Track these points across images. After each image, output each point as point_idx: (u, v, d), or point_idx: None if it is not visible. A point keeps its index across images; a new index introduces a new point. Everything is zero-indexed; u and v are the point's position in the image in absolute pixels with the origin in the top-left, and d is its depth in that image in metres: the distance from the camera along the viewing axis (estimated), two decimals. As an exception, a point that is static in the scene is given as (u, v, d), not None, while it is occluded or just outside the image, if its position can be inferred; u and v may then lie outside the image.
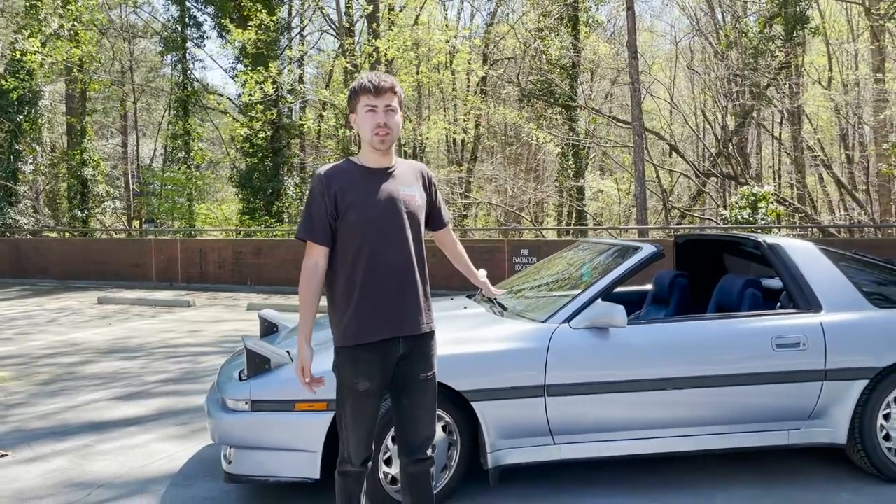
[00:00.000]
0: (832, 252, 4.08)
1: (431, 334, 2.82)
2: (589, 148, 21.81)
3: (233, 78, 17.17)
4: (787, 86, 21.58)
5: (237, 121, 16.71)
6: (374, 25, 15.80)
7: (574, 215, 22.59)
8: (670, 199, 22.10)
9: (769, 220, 12.39)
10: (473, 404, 3.45)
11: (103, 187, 23.40)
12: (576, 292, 3.82)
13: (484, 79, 23.69)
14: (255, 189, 18.00)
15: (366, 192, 2.72)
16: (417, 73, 24.07)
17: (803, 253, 4.00)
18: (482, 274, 3.32)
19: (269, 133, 16.95)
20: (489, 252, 12.40)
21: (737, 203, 12.58)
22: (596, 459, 3.63)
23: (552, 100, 19.88)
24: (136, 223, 29.57)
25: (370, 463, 2.88)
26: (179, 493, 3.79)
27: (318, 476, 3.38)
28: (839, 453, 4.03)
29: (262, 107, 15.49)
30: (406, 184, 2.80)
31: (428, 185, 2.91)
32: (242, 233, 16.76)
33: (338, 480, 2.83)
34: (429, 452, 2.83)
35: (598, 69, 22.90)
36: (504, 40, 22.59)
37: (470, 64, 21.22)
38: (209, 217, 21.82)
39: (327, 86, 22.86)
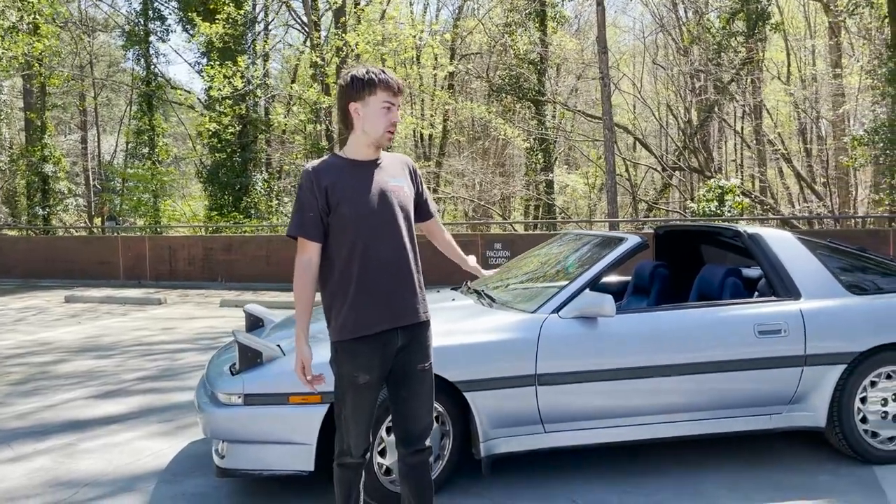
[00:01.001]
0: (809, 241, 4.20)
1: (427, 324, 2.84)
2: (556, 142, 21.97)
3: (199, 73, 16.93)
4: (748, 81, 21.98)
5: (204, 116, 16.48)
6: (342, 20, 15.71)
7: (543, 209, 22.76)
8: (638, 192, 22.38)
9: (735, 212, 12.64)
10: (466, 394, 3.48)
11: (65, 184, 22.93)
12: (562, 283, 3.87)
13: (452, 74, 23.73)
14: (223, 185, 17.78)
15: (356, 185, 2.73)
16: (383, 67, 23.93)
17: (782, 242, 4.11)
18: (472, 259, 3.37)
19: (237, 128, 16.75)
20: (463, 246, 12.26)
21: (704, 196, 12.82)
22: (585, 447, 3.69)
23: (521, 94, 19.97)
24: (97, 221, 29.03)
25: (369, 454, 2.91)
26: (169, 489, 3.76)
27: (312, 468, 3.38)
28: (818, 436, 4.15)
29: (230, 102, 15.31)
30: (393, 175, 2.80)
31: (414, 177, 2.92)
32: (210, 229, 16.57)
33: (337, 472, 2.84)
34: (427, 443, 2.85)
35: (564, 64, 23.07)
36: (471, 35, 22.64)
37: (437, 59, 21.26)
38: (175, 214, 21.50)
39: (293, 81, 22.67)
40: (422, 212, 2.99)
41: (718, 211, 12.41)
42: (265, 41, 21.02)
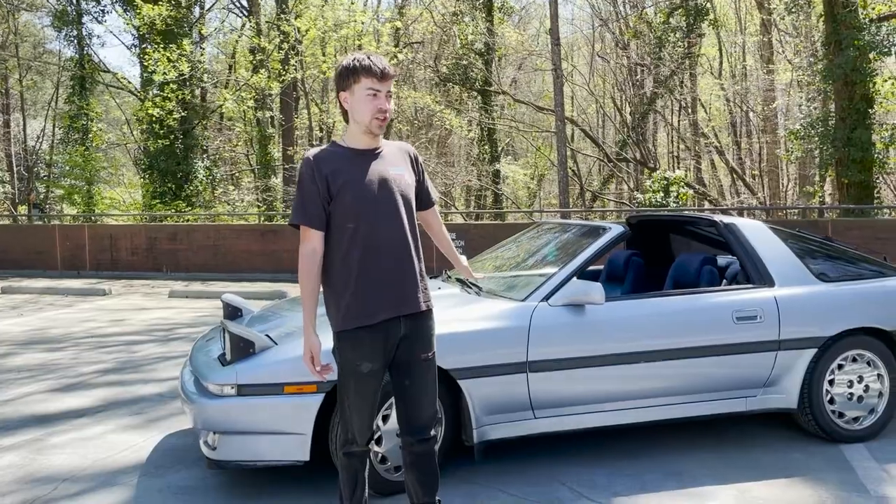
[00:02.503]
0: (779, 231, 4.37)
1: (430, 312, 2.86)
2: (503, 132, 22.14)
3: (140, 56, 16.35)
4: (686, 76, 22.58)
5: (145, 101, 15.95)
6: (292, 4, 15.42)
7: (489, 199, 22.91)
8: (584, 182, 22.77)
9: (680, 203, 13.01)
10: (460, 382, 3.51)
11: (-10, 170, 21.89)
12: (549, 271, 3.93)
13: (397, 62, 23.60)
14: (164, 172, 17.27)
15: (356, 174, 2.71)
16: (324, 54, 23.67)
17: (756, 232, 4.26)
18: (464, 259, 3.38)
19: (182, 114, 16.28)
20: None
21: (650, 187, 13.13)
22: (573, 431, 3.77)
23: (467, 84, 20.03)
24: (21, 209, 27.81)
25: (373, 442, 2.91)
26: (153, 482, 3.68)
27: (307, 458, 3.36)
28: (788, 418, 4.33)
29: (175, 86, 14.86)
30: (394, 164, 2.80)
31: (415, 165, 2.92)
32: (149, 218, 16.11)
33: (343, 461, 2.84)
34: (433, 432, 2.87)
35: (507, 54, 23.22)
36: (417, 23, 22.56)
37: (377, 47, 21.05)
38: (112, 202, 20.76)
39: (231, 67, 22.12)
40: (421, 200, 2.97)
41: (664, 202, 12.75)
42: (200, 25, 20.44)
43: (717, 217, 4.41)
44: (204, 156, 19.08)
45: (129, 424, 4.62)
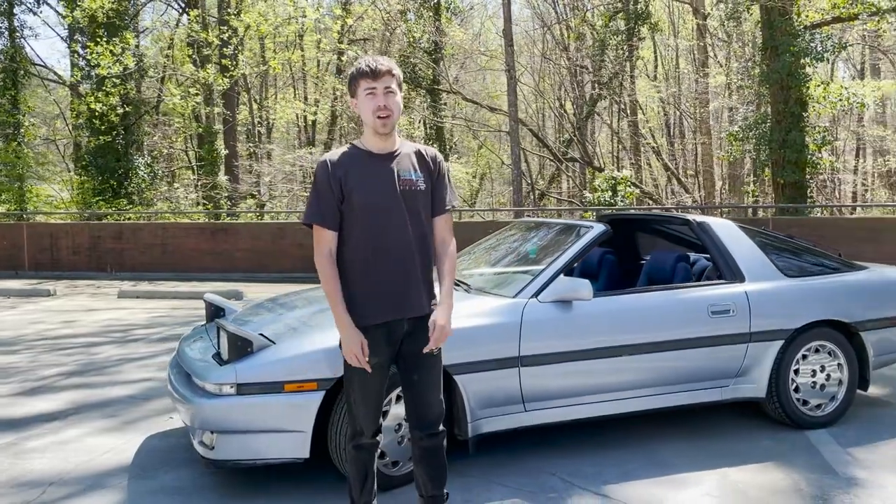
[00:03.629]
0: (747, 229, 4.60)
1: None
2: (451, 132, 22.27)
3: (83, 48, 15.78)
4: (626, 78, 23.14)
5: (86, 95, 15.40)
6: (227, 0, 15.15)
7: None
8: (533, 181, 23.09)
9: (627, 202, 13.38)
10: (455, 377, 3.59)
11: None
12: (536, 268, 4.05)
13: (341, 58, 23.46)
14: (104, 170, 16.74)
15: (366, 176, 2.77)
16: (263, 50, 23.32)
17: (726, 229, 4.48)
18: (447, 292, 2.88)
19: (125, 109, 15.80)
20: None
21: (599, 186, 13.46)
22: (561, 423, 3.90)
23: (416, 83, 20.08)
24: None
25: (381, 434, 2.98)
26: (145, 484, 3.64)
27: (307, 455, 3.39)
28: (753, 406, 4.56)
29: (118, 81, 14.42)
30: (407, 168, 2.83)
31: (433, 169, 2.90)
32: (89, 216, 15.60)
33: (352, 454, 2.89)
34: (441, 426, 2.94)
35: (456, 54, 23.35)
36: (362, 20, 22.48)
37: (320, 44, 20.86)
38: (49, 198, 20.00)
39: (167, 59, 21.54)
40: (432, 206, 2.89)
41: (612, 200, 13.10)
42: (136, 18, 19.87)
43: (690, 216, 4.61)
44: (145, 152, 18.59)
45: (105, 427, 4.54)
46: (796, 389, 4.32)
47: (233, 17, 15.05)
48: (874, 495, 3.45)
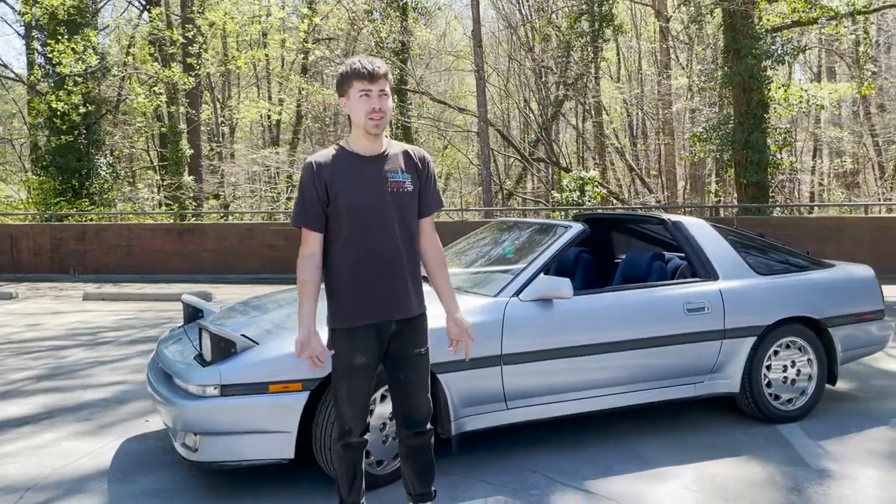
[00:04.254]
0: (720, 228, 4.70)
1: (422, 315, 2.94)
2: (418, 131, 22.27)
3: (42, 46, 15.39)
4: (591, 79, 23.38)
5: (47, 94, 15.03)
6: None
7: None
8: (502, 181, 23.18)
9: (595, 201, 13.54)
10: (439, 376, 3.61)
11: None
12: (515, 267, 4.09)
13: (307, 57, 23.30)
14: (64, 170, 16.37)
15: (353, 178, 2.77)
16: (225, 49, 22.96)
17: (700, 228, 4.57)
18: (449, 291, 2.95)
19: (88, 108, 15.46)
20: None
21: (567, 186, 13.59)
22: (541, 420, 3.94)
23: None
24: None
25: (369, 432, 2.99)
26: (125, 488, 3.60)
27: (292, 456, 3.38)
28: (727, 402, 4.66)
29: (80, 79, 14.10)
30: (395, 169, 2.83)
31: (421, 171, 2.90)
32: (45, 217, 15.26)
33: (340, 453, 2.90)
34: (429, 425, 2.97)
35: (422, 54, 23.36)
36: (327, 19, 22.35)
37: (284, 43, 20.63)
38: (6, 199, 19.48)
39: (127, 56, 21.14)
40: (418, 209, 2.90)
41: (580, 200, 13.24)
42: (96, 16, 19.48)
43: (665, 216, 4.70)
44: (107, 152, 18.24)
45: (80, 431, 4.47)
46: (768, 384, 4.43)
47: (198, 15, 14.82)
48: (846, 486, 3.56)
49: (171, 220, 15.62)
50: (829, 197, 27.47)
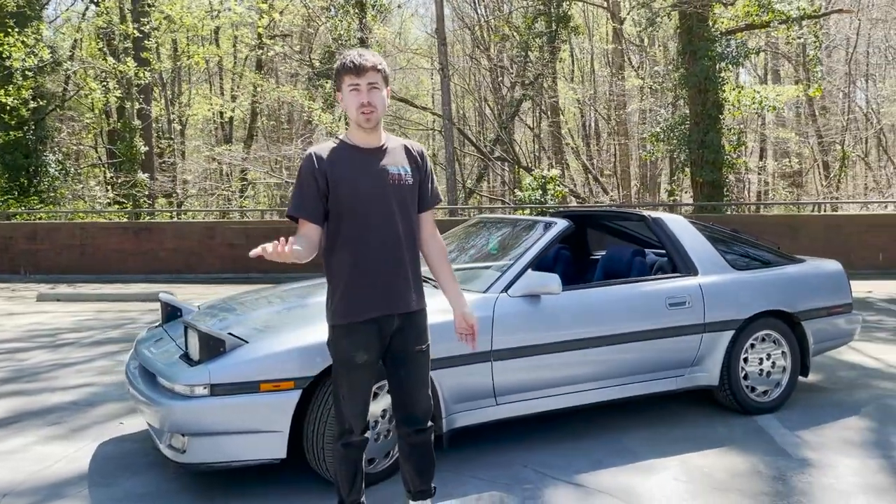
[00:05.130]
0: (698, 224, 4.79)
1: (423, 311, 2.92)
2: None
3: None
4: (548, 80, 23.59)
5: None
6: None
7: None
8: (465, 180, 23.21)
9: (557, 200, 13.66)
10: (431, 373, 3.58)
11: None
12: (501, 264, 4.10)
13: (262, 51, 22.95)
14: (11, 167, 15.81)
15: (353, 171, 2.75)
16: (176, 47, 22.51)
17: (679, 225, 4.65)
18: (454, 287, 2.99)
19: (38, 103, 14.94)
20: (293, 234, 12.23)
21: (530, 185, 13.68)
22: (530, 415, 3.96)
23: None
24: None
25: (369, 430, 2.96)
26: (106, 492, 3.49)
27: (284, 456, 3.32)
28: (704, 395, 4.75)
29: (30, 73, 13.61)
30: (394, 163, 2.82)
31: (420, 165, 2.90)
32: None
33: (340, 452, 2.86)
34: (430, 423, 2.95)
35: (381, 52, 23.23)
36: (282, 16, 22.06)
37: (236, 41, 20.23)
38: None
39: (71, 55, 20.55)
40: (418, 203, 2.90)
41: (543, 199, 13.33)
42: (44, 8, 18.89)
43: (646, 212, 4.76)
44: (55, 148, 17.70)
45: (51, 435, 4.32)
46: (745, 377, 4.53)
47: (152, 8, 14.46)
48: (827, 474, 3.66)
49: (127, 219, 15.23)
50: (774, 195, 28.23)
